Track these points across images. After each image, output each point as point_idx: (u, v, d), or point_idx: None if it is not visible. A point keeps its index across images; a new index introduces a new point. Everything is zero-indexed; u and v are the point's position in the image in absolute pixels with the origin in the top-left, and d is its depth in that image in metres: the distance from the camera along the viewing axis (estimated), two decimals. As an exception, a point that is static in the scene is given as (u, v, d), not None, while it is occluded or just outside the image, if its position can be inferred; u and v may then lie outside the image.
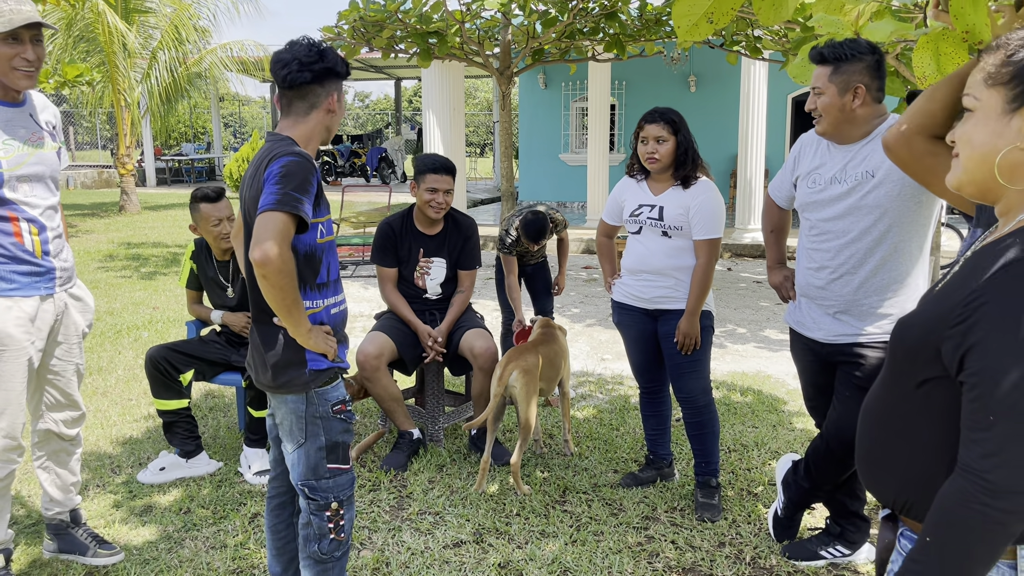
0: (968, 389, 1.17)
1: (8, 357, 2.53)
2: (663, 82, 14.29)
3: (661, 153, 3.16)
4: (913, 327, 1.29)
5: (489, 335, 3.88)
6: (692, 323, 3.17)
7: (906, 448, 1.32)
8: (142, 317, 6.93)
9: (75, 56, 13.74)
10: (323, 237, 2.24)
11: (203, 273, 3.90)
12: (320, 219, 2.21)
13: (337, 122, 2.32)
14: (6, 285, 2.52)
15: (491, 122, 24.65)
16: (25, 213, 2.54)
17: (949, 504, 1.15)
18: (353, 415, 2.33)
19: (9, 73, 2.47)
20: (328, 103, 2.25)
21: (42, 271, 2.61)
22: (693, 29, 1.85)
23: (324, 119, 2.27)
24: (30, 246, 2.56)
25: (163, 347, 3.67)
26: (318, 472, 2.26)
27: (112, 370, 5.37)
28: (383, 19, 7.69)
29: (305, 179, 2.10)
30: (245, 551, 3.03)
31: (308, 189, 2.10)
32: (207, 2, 15.71)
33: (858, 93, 2.51)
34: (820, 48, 2.54)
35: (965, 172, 1.27)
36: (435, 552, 3.02)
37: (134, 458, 3.90)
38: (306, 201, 2.09)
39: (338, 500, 2.30)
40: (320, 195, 2.21)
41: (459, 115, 11.21)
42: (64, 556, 2.96)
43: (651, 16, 7.99)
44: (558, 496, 3.49)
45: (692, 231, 3.18)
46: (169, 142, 30.15)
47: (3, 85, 2.52)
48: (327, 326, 2.25)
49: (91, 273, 9.04)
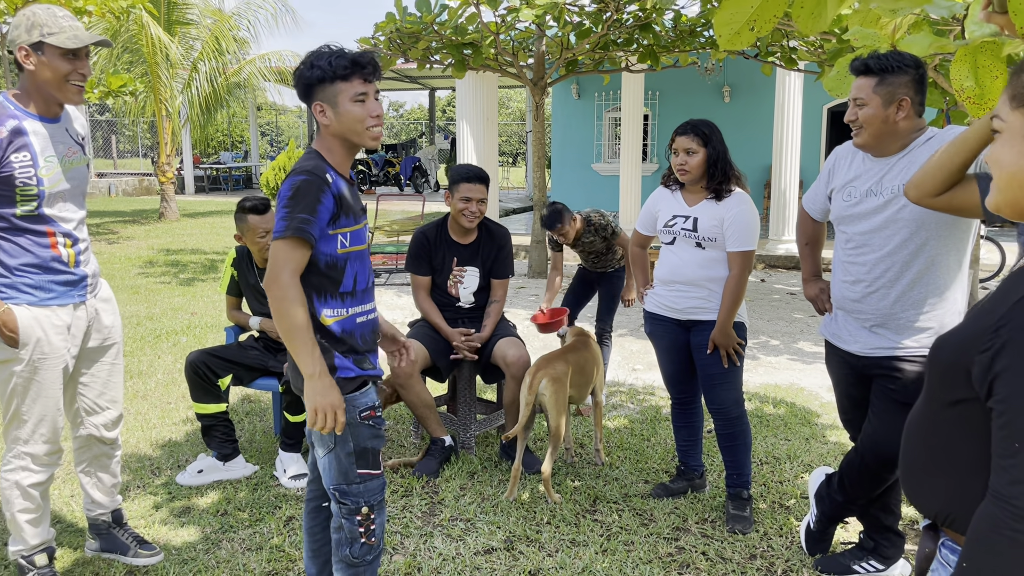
0: (996, 416, 1.18)
1: (48, 365, 2.61)
2: (697, 92, 14.25)
3: (691, 165, 3.17)
4: (946, 348, 1.30)
5: (522, 343, 3.91)
6: (725, 334, 3.18)
7: (946, 463, 1.32)
8: (181, 322, 7.07)
9: (119, 67, 14.07)
10: (346, 247, 2.20)
11: (243, 280, 3.98)
12: (342, 229, 2.19)
13: (352, 128, 2.17)
14: (45, 295, 2.60)
15: (523, 132, 24.72)
16: (61, 227, 2.62)
17: (981, 529, 1.16)
18: (383, 421, 2.34)
19: (64, 88, 2.53)
20: (319, 116, 2.17)
21: (75, 280, 2.68)
22: (735, 37, 1.86)
23: (331, 128, 2.18)
24: (65, 258, 2.64)
25: (203, 352, 3.75)
26: (348, 477, 2.27)
27: (152, 374, 5.49)
28: (419, 31, 7.78)
29: (313, 197, 2.10)
30: (280, 553, 3.08)
31: (316, 207, 2.10)
32: (246, 13, 16.02)
33: (902, 106, 2.50)
34: (864, 59, 2.53)
35: (999, 192, 1.28)
36: (466, 558, 3.05)
37: (173, 460, 3.98)
38: (314, 220, 2.10)
39: (369, 505, 2.31)
40: (342, 206, 2.17)
41: (492, 125, 11.28)
42: (106, 555, 3.03)
43: (685, 27, 7.99)
44: (589, 505, 3.50)
45: (726, 242, 3.18)
46: (207, 151, 30.66)
47: (47, 101, 2.57)
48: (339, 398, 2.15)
49: (131, 279, 9.24)
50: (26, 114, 2.52)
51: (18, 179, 2.47)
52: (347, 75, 2.12)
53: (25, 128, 2.50)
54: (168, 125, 15.22)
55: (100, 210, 17.42)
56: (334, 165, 2.21)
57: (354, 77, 2.13)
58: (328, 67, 2.11)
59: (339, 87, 2.13)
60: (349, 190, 2.23)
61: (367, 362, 2.30)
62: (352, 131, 2.17)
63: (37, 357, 2.58)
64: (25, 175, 2.48)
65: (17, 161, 2.46)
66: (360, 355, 2.28)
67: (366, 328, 2.30)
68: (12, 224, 2.52)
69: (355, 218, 2.24)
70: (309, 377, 2.12)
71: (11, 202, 2.49)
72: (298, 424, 3.72)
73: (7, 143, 2.44)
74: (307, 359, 2.11)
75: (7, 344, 2.53)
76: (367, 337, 2.31)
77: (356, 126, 2.16)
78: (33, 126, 2.52)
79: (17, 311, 2.53)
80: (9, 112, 2.48)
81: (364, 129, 2.17)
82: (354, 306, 2.26)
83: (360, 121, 2.16)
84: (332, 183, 2.14)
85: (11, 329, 2.50)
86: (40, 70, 2.49)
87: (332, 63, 2.11)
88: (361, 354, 2.28)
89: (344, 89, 2.13)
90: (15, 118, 2.48)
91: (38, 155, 2.52)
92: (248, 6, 16.05)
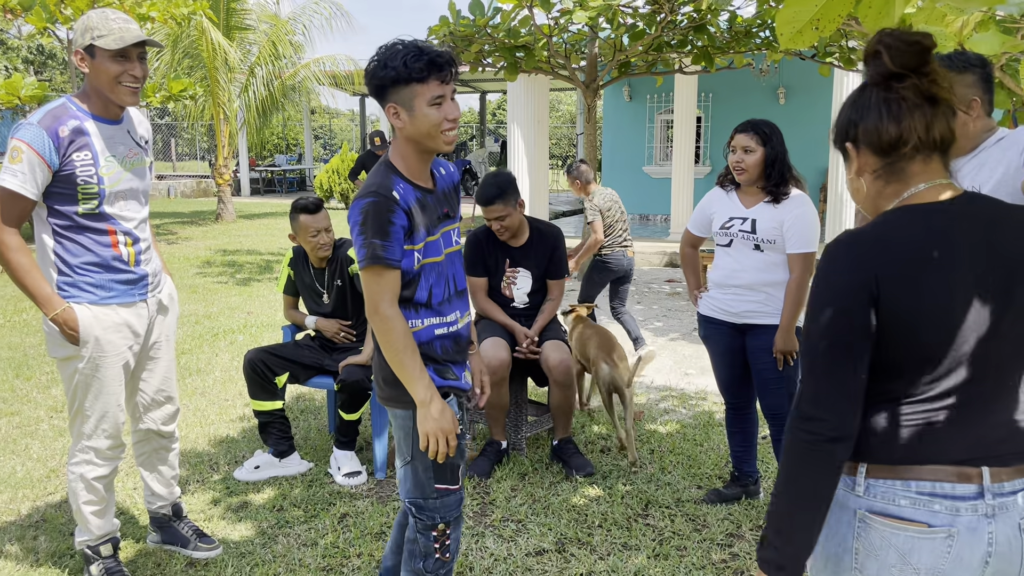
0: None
1: (109, 363, 2.69)
2: (751, 94, 14.05)
3: (748, 163, 3.13)
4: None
5: (565, 347, 3.90)
6: (788, 339, 3.13)
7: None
8: (237, 321, 7.22)
9: (180, 71, 14.44)
10: (420, 261, 2.11)
11: (300, 279, 4.05)
12: (416, 246, 2.10)
13: (427, 132, 2.04)
14: (105, 293, 2.67)
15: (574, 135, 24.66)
16: (121, 226, 2.69)
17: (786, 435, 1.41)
18: (464, 435, 2.24)
19: (116, 89, 2.59)
20: (392, 119, 2.05)
21: (135, 279, 2.75)
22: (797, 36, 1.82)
23: (405, 131, 2.06)
24: (126, 257, 2.71)
25: (260, 350, 3.83)
26: (425, 491, 2.17)
27: (210, 371, 5.61)
28: (472, 34, 7.82)
29: (384, 219, 2.01)
30: (335, 550, 3.13)
31: (388, 229, 2.02)
32: (302, 18, 16.29)
33: (972, 106, 2.43)
34: None
35: None
36: (517, 559, 3.05)
37: (230, 456, 4.07)
38: (390, 244, 2.02)
39: (445, 521, 2.21)
40: (412, 220, 2.07)
41: (543, 128, 11.28)
42: (167, 547, 3.12)
43: (741, 28, 7.88)
44: (641, 509, 3.48)
45: (786, 244, 3.14)
46: (263, 153, 31.28)
47: (105, 103, 2.64)
48: (452, 420, 2.11)
49: (190, 279, 9.47)
50: (87, 115, 2.60)
51: (79, 177, 2.55)
52: (423, 77, 1.98)
53: (86, 128, 2.58)
54: (225, 128, 15.57)
55: (159, 211, 17.89)
56: (407, 175, 2.11)
57: (431, 79, 1.99)
58: (403, 68, 1.97)
59: (415, 89, 1.99)
60: (421, 201, 2.11)
61: (449, 372, 2.21)
62: (426, 135, 2.05)
63: (97, 355, 2.66)
64: (86, 173, 2.56)
65: (78, 160, 2.54)
66: (440, 364, 2.19)
67: (446, 340, 2.20)
68: (74, 222, 2.60)
69: (428, 230, 2.13)
70: (422, 404, 2.07)
71: (73, 200, 2.57)
72: (352, 422, 3.77)
73: (68, 142, 2.52)
74: (418, 386, 2.06)
75: (69, 342, 2.61)
76: (448, 348, 2.21)
77: (431, 130, 2.03)
78: (94, 127, 2.60)
79: (78, 309, 2.61)
80: (71, 113, 2.57)
81: (439, 133, 2.04)
82: (430, 317, 2.16)
83: (436, 125, 2.03)
84: (400, 199, 2.04)
85: (72, 327, 2.58)
86: (93, 73, 2.57)
87: (407, 64, 1.96)
88: (441, 364, 2.19)
89: (420, 92, 2.00)
90: (77, 118, 2.56)
91: (99, 154, 2.59)
92: (304, 11, 16.33)
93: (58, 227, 2.60)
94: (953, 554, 1.31)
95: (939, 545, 1.32)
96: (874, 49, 1.38)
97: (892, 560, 1.34)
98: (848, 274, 1.34)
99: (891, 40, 1.35)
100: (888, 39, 1.36)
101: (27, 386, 5.27)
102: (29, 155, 2.47)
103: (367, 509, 3.47)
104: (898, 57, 1.36)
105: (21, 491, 3.66)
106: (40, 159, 2.48)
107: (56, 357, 2.69)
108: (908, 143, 1.37)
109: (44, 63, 31.16)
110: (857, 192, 1.48)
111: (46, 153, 2.48)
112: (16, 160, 2.47)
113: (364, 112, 27.01)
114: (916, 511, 1.33)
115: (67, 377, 2.70)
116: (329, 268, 3.96)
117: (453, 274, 2.24)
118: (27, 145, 2.47)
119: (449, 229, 2.23)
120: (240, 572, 2.97)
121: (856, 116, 1.43)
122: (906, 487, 1.34)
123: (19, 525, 3.34)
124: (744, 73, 13.81)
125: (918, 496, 1.33)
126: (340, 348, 4.01)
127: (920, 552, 1.32)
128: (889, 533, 1.34)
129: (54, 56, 30.74)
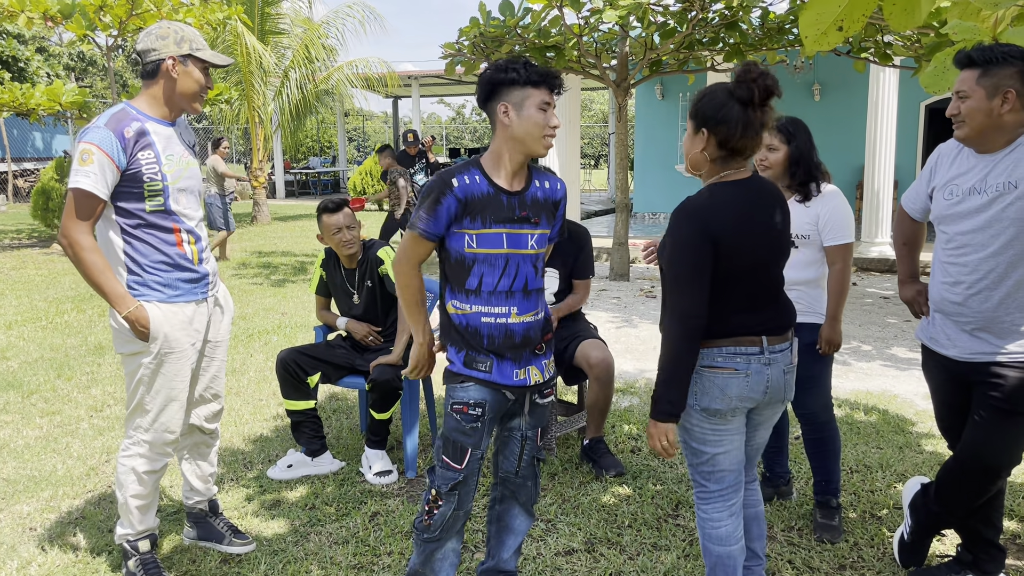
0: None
1: (174, 359, 2.77)
2: (785, 91, 13.73)
3: (771, 161, 3.11)
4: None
5: (604, 345, 3.89)
6: (835, 329, 3.09)
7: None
8: (272, 322, 7.31)
9: (215, 76, 14.66)
10: (472, 248, 2.32)
11: (331, 280, 4.10)
12: (468, 231, 2.32)
13: (531, 133, 2.29)
14: (172, 292, 2.76)
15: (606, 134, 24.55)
16: (184, 224, 2.79)
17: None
18: (471, 420, 2.38)
19: (197, 98, 2.79)
20: (501, 116, 2.30)
21: (198, 277, 2.84)
22: (821, 38, 1.81)
23: (511, 130, 2.30)
24: (190, 255, 2.80)
25: (293, 350, 3.87)
26: (437, 456, 2.45)
27: (244, 371, 5.69)
28: (502, 34, 7.84)
29: (434, 199, 2.30)
30: (366, 548, 3.15)
31: (435, 208, 2.30)
32: (335, 22, 16.44)
33: (1008, 98, 2.38)
34: (967, 51, 2.42)
35: None
36: (547, 559, 3.06)
37: (264, 455, 4.12)
38: (431, 219, 2.31)
39: (438, 490, 2.44)
40: (468, 208, 2.30)
41: (574, 127, 11.27)
42: (202, 543, 3.17)
43: (773, 24, 7.80)
44: (671, 510, 3.46)
45: (823, 237, 3.11)
46: (297, 156, 31.62)
47: (170, 108, 2.79)
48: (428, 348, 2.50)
49: (226, 280, 9.61)
50: (147, 117, 2.73)
51: (145, 175, 2.66)
52: (538, 83, 2.28)
53: (147, 129, 2.70)
54: (260, 131, 15.78)
55: (197, 214, 18.15)
56: (489, 171, 2.35)
57: (543, 86, 2.29)
58: (523, 72, 2.27)
59: (528, 92, 2.28)
60: (491, 196, 2.32)
61: (481, 364, 2.38)
62: (530, 135, 2.29)
63: (164, 351, 2.74)
64: (151, 171, 2.67)
65: (143, 159, 2.66)
66: (478, 353, 2.38)
67: (495, 331, 2.37)
68: (143, 220, 2.70)
69: (485, 223, 2.32)
70: (419, 344, 2.47)
71: (140, 198, 2.68)
72: (383, 422, 3.80)
73: (134, 142, 2.64)
74: (417, 329, 2.46)
75: (139, 339, 2.70)
76: (496, 339, 2.38)
77: (535, 131, 2.29)
78: (154, 127, 2.73)
79: (148, 308, 2.70)
80: (132, 115, 2.69)
81: (541, 136, 2.30)
82: (479, 305, 2.37)
83: (540, 127, 2.29)
84: (458, 187, 2.29)
85: (144, 325, 2.67)
86: (183, 80, 2.74)
87: (527, 69, 2.28)
88: (481, 353, 2.38)
89: (533, 95, 2.29)
90: (138, 120, 2.69)
91: (160, 153, 2.71)
92: (337, 15, 16.48)
93: (127, 226, 2.70)
94: (748, 386, 2.21)
95: (740, 381, 2.21)
96: (749, 80, 2.07)
97: (716, 392, 2.21)
98: (698, 224, 2.12)
99: (760, 80, 2.06)
100: (759, 79, 2.06)
101: (68, 386, 5.39)
102: (99, 156, 2.57)
103: (398, 508, 3.50)
104: (762, 92, 2.07)
105: (61, 489, 3.75)
106: (109, 159, 2.58)
107: (122, 352, 2.78)
108: (744, 152, 2.17)
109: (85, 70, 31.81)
110: (696, 162, 2.22)
111: (114, 154, 2.59)
112: (87, 162, 2.57)
113: (397, 114, 27.18)
114: (726, 362, 2.20)
115: (131, 372, 2.77)
116: (360, 269, 4.00)
117: (516, 274, 2.39)
118: (96, 147, 2.57)
119: (523, 233, 2.39)
120: (273, 569, 3.01)
121: (719, 116, 2.12)
122: (720, 351, 2.20)
123: (60, 522, 3.42)
124: (778, 70, 13.65)
125: (728, 355, 2.20)
126: (371, 348, 4.05)
127: (730, 386, 2.20)
128: (713, 375, 2.21)
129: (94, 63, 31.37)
